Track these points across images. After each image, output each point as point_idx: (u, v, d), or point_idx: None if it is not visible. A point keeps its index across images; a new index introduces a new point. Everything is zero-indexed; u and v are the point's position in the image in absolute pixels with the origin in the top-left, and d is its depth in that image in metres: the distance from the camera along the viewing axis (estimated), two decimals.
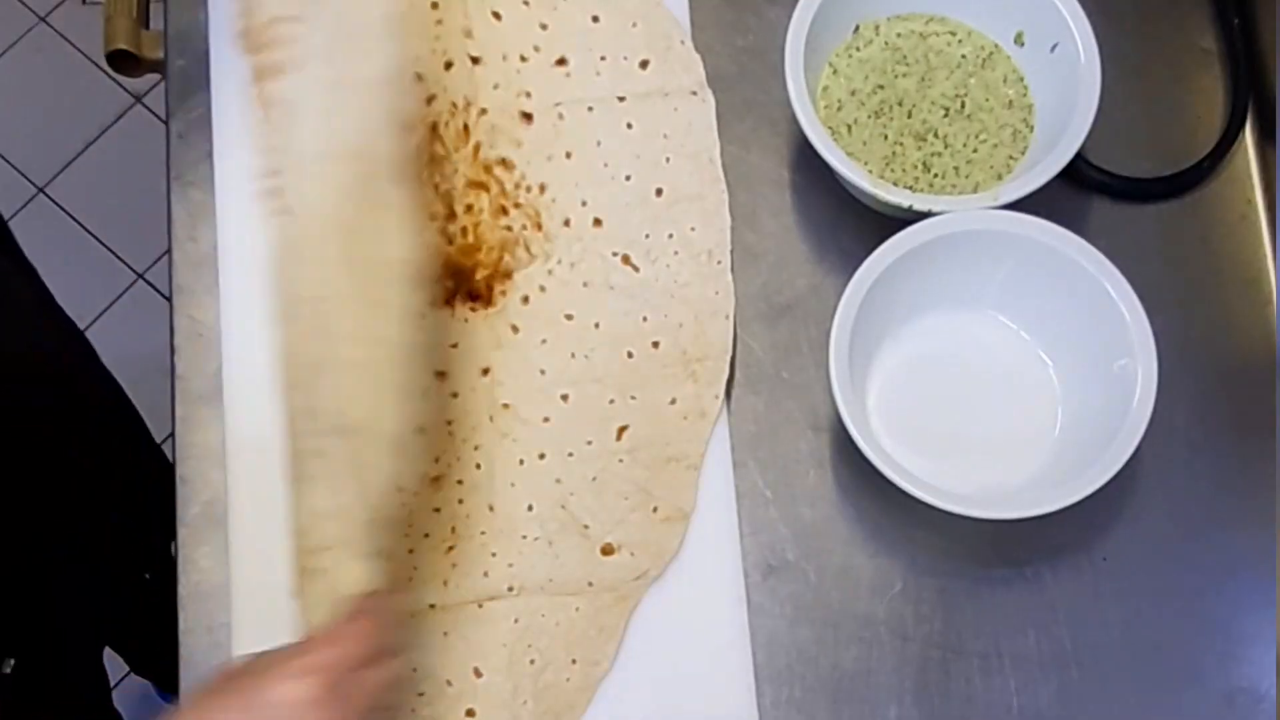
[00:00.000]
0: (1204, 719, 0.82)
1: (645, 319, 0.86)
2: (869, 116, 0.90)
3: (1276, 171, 0.92)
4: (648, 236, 0.87)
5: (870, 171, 0.87)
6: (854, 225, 0.89)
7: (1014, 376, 0.87)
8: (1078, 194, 0.91)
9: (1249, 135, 0.93)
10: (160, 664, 1.38)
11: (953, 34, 0.91)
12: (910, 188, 0.87)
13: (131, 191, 1.19)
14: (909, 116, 0.90)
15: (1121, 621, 0.84)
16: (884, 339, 0.86)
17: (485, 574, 0.82)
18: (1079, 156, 0.85)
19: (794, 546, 0.84)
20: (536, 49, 0.89)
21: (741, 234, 0.89)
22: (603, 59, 0.90)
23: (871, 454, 0.79)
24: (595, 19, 0.90)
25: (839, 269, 0.88)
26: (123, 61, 0.95)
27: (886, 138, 0.89)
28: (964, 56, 0.91)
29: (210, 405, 0.85)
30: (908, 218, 0.84)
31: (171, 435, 0.85)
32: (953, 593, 0.84)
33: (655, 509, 0.83)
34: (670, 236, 0.87)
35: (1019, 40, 0.90)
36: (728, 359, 0.86)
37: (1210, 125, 0.93)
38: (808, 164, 0.89)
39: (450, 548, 0.82)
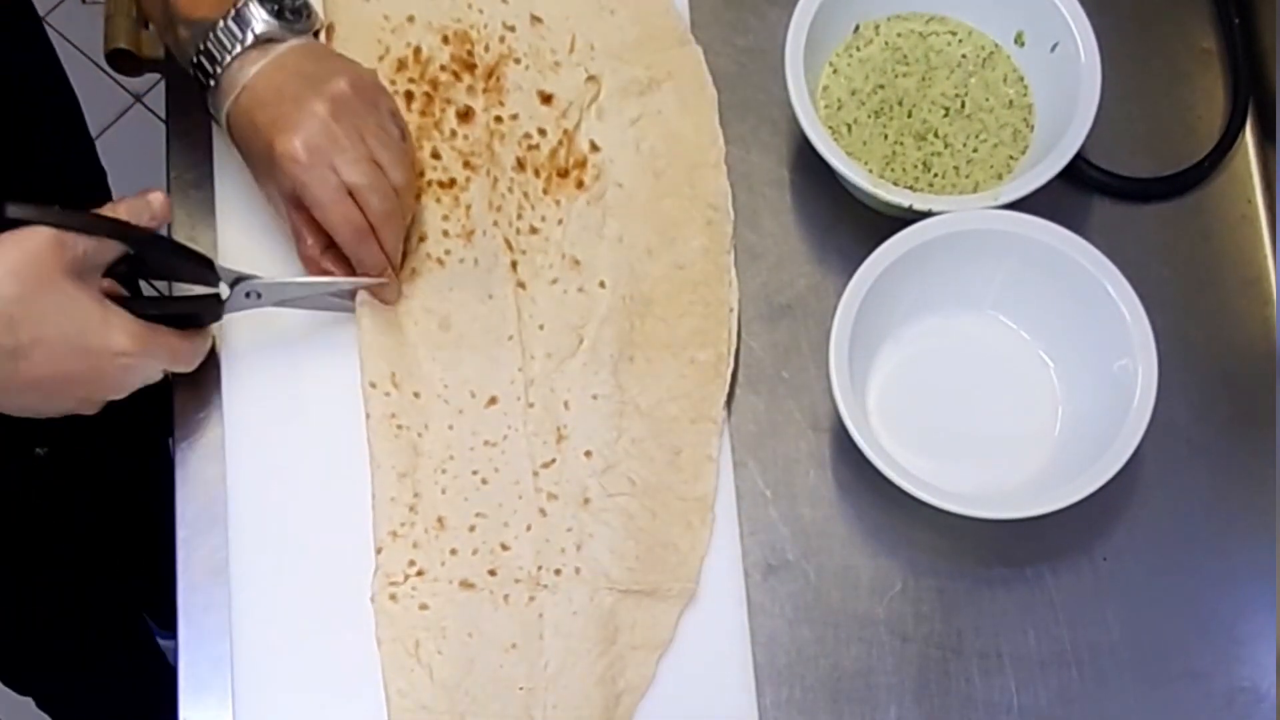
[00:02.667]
0: (1204, 719, 0.82)
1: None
2: (869, 116, 0.90)
3: (1276, 171, 0.92)
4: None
5: (870, 171, 0.87)
6: (854, 225, 0.89)
7: (1014, 376, 0.87)
8: (1078, 194, 0.91)
9: (1249, 135, 0.93)
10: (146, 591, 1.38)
11: (953, 34, 0.91)
12: (910, 187, 0.87)
13: (131, 191, 1.19)
14: (909, 116, 0.90)
15: (1121, 621, 0.84)
16: (884, 339, 0.86)
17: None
18: (1079, 156, 0.85)
19: (794, 546, 0.84)
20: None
21: (742, 234, 0.89)
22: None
23: (871, 454, 0.79)
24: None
25: (839, 269, 0.88)
26: (123, 61, 0.95)
27: (886, 137, 0.89)
28: (964, 56, 0.91)
29: (210, 405, 0.85)
30: (908, 218, 0.84)
31: (171, 435, 0.85)
32: (953, 593, 0.84)
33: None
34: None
35: (1019, 40, 0.90)
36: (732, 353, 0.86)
37: (1210, 125, 0.93)
38: (808, 164, 0.89)
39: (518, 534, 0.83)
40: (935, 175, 0.89)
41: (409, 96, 0.88)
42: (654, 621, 0.81)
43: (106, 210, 0.78)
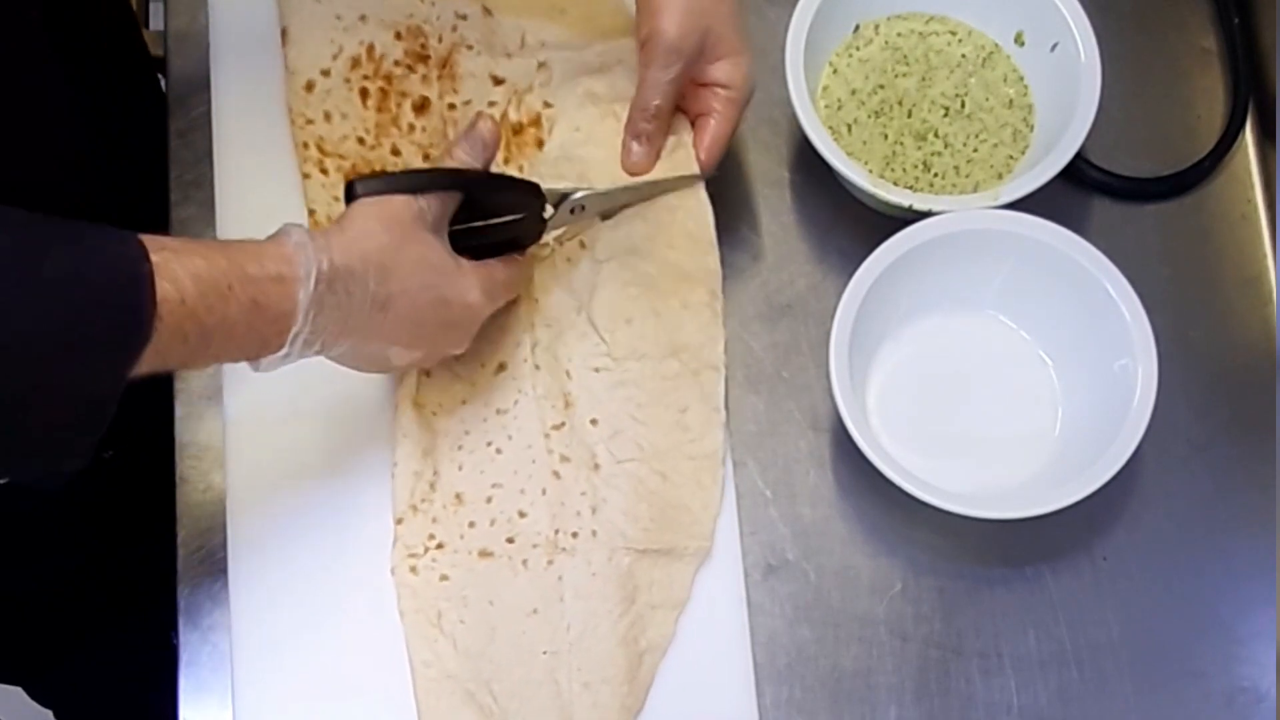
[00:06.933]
0: (1204, 719, 0.82)
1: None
2: (869, 116, 0.90)
3: (1276, 171, 0.92)
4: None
5: (870, 171, 0.87)
6: (854, 225, 0.89)
7: (1014, 376, 0.87)
8: (1078, 194, 0.91)
9: (1249, 135, 0.93)
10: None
11: (953, 33, 0.91)
12: (910, 187, 0.87)
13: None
14: (909, 116, 0.90)
15: (1121, 621, 0.84)
16: (884, 339, 0.86)
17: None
18: (1079, 156, 0.85)
19: (794, 546, 0.84)
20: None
21: (742, 234, 0.89)
22: None
23: (871, 454, 0.79)
24: None
25: (839, 269, 0.88)
26: None
27: (886, 137, 0.89)
28: (964, 56, 0.91)
29: (210, 405, 0.85)
30: (908, 218, 0.85)
31: (172, 435, 0.85)
32: (953, 593, 0.84)
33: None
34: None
35: (1019, 40, 0.90)
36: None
37: (1210, 125, 0.93)
38: (808, 164, 0.89)
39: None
40: (935, 175, 0.89)
41: (364, 94, 0.88)
42: (671, 580, 0.81)
43: (442, 159, 0.79)
